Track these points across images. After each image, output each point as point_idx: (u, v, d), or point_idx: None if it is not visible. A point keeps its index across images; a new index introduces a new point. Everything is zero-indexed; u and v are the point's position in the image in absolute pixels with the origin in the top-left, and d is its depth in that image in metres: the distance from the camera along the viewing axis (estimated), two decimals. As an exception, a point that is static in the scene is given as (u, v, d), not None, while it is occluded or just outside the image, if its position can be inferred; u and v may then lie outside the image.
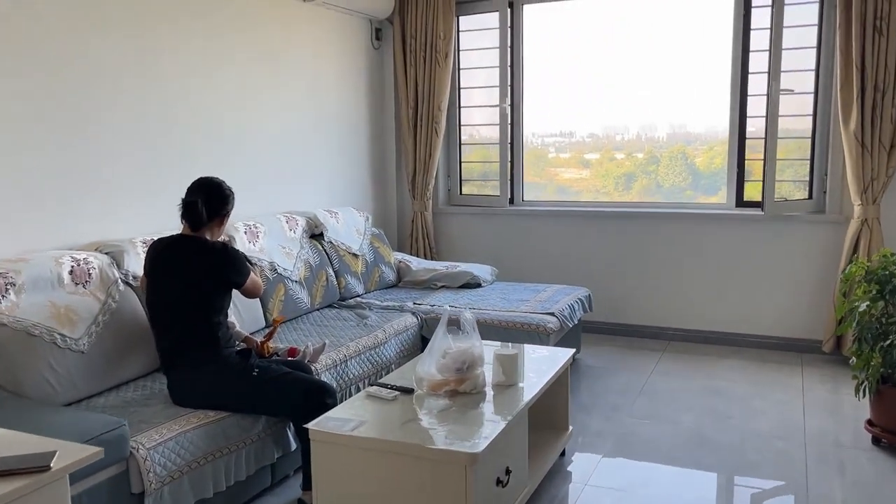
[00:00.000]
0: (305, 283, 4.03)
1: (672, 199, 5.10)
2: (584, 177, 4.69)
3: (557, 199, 5.59)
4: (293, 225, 4.14)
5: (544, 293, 4.48)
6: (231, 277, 2.72)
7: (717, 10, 4.93)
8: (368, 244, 4.69)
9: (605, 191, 4.51)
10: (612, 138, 4.61)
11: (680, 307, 5.06)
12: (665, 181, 4.44)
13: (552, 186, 4.65)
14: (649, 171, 4.52)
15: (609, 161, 4.63)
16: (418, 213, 5.53)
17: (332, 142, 5.01)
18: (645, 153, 4.55)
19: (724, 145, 4.93)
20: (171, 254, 2.73)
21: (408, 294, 4.53)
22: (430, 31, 5.31)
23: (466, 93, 5.67)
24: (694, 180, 4.40)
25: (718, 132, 4.91)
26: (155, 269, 2.75)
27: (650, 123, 4.69)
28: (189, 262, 2.68)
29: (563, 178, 4.73)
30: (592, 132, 4.67)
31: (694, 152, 4.52)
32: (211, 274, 2.67)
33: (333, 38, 4.98)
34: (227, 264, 2.70)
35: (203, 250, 2.70)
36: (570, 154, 4.69)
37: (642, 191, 4.45)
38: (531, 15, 5.43)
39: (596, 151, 4.64)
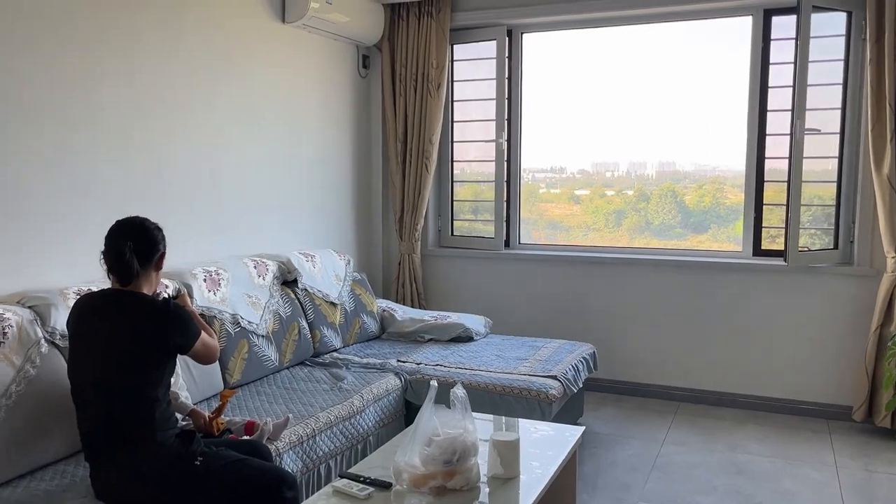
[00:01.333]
0: (274, 338, 3.53)
1: (661, 235, 4.67)
2: (574, 213, 4.42)
3: (557, 244, 5.15)
4: (262, 270, 3.66)
5: (545, 350, 4.00)
6: (173, 342, 2.23)
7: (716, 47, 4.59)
8: (349, 291, 4.21)
9: (595, 227, 4.32)
10: (602, 175, 4.41)
11: (691, 365, 4.59)
12: (655, 219, 4.25)
13: (542, 221, 4.39)
14: (639, 209, 4.37)
15: (599, 197, 4.49)
16: (406, 256, 5.06)
17: (312, 177, 4.56)
18: (635, 190, 4.40)
19: (713, 184, 4.53)
20: (96, 314, 2.24)
21: (392, 348, 4.04)
22: (421, 59, 4.91)
23: (460, 126, 5.25)
24: (683, 218, 4.21)
25: (707, 170, 4.57)
26: (77, 334, 2.25)
27: (640, 161, 4.45)
28: (119, 323, 2.19)
29: (553, 214, 4.44)
30: (583, 168, 4.50)
31: (683, 190, 4.33)
32: (147, 339, 2.18)
33: (316, 64, 4.56)
34: (169, 325, 2.21)
35: (137, 309, 2.21)
36: (561, 190, 4.45)
37: (632, 228, 4.25)
38: (530, 45, 5.04)
39: (586, 188, 4.43)
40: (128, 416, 2.15)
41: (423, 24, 4.88)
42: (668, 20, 4.61)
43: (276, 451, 2.61)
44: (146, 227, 2.34)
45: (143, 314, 2.21)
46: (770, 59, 4.41)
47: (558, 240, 4.95)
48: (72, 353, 2.25)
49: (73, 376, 2.23)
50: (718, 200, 4.50)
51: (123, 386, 2.16)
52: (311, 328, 3.84)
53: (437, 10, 4.85)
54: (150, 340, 2.19)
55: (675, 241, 4.42)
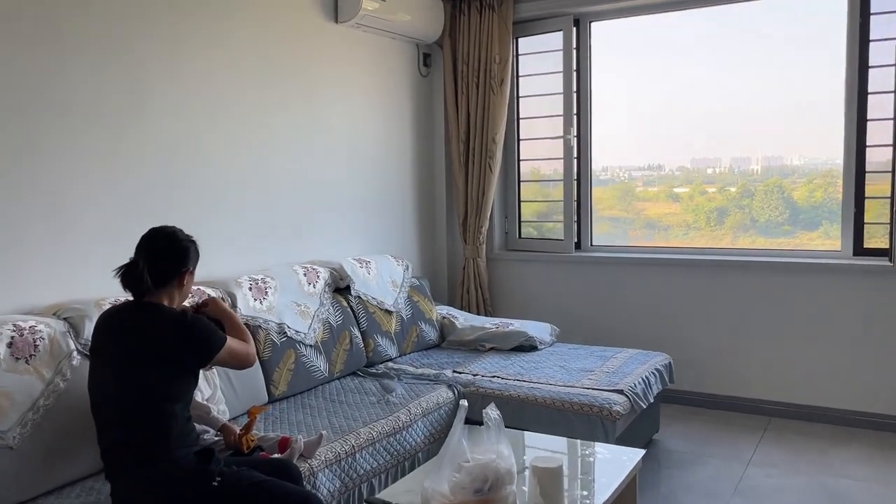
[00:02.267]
0: (323, 348, 3.42)
1: (768, 233, 4.24)
2: (673, 211, 4.18)
3: (631, 245, 4.81)
4: (313, 278, 3.55)
5: (614, 360, 3.70)
6: (188, 357, 2.12)
7: (820, 26, 4.13)
8: (405, 298, 4.05)
9: (696, 226, 4.08)
10: (702, 171, 4.13)
11: (783, 377, 4.16)
12: (760, 216, 3.99)
13: (639, 221, 4.19)
14: (743, 206, 4.13)
15: (700, 195, 4.25)
16: (470, 260, 4.86)
17: (371, 180, 4.44)
18: (738, 187, 4.15)
19: (824, 178, 4.07)
20: (113, 328, 2.16)
21: (449, 358, 3.85)
22: (484, 54, 4.70)
23: (526, 123, 5.01)
24: (792, 215, 3.91)
25: (818, 164, 4.13)
26: (94, 348, 2.18)
27: (743, 156, 4.13)
28: (133, 337, 2.10)
29: (651, 213, 4.23)
30: (682, 165, 4.23)
31: (791, 185, 3.96)
32: (160, 353, 2.08)
33: (374, 64, 4.44)
34: (183, 339, 2.10)
35: (153, 321, 2.11)
36: (659, 188, 4.24)
37: (736, 226, 4.01)
38: (602, 33, 4.74)
39: (686, 185, 4.15)
40: (143, 432, 2.06)
41: (485, 18, 4.68)
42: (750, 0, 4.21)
43: (309, 469, 2.47)
44: (176, 238, 2.23)
45: (157, 327, 2.11)
46: (870, 35, 3.93)
47: (656, 240, 4.65)
48: (90, 368, 2.18)
49: (91, 391, 2.16)
50: (831, 195, 4.16)
51: (137, 402, 2.06)
52: (364, 337, 3.70)
53: (499, 3, 4.63)
54: (163, 354, 2.09)
55: (783, 239, 4.09)
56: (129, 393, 2.07)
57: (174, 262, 2.19)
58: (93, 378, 2.16)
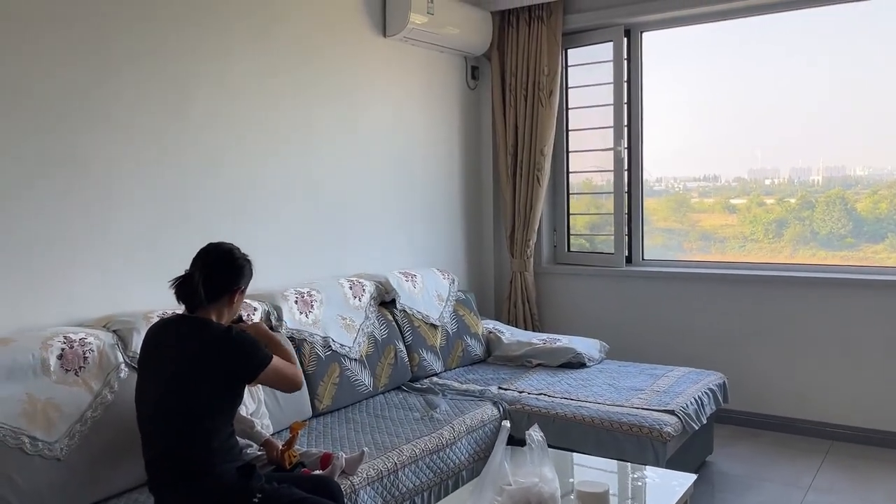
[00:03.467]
0: (368, 362, 3.40)
1: (830, 246, 4.08)
2: (729, 223, 4.10)
3: (684, 259, 4.68)
4: (358, 291, 3.55)
5: (665, 379, 3.59)
6: (231, 371, 2.13)
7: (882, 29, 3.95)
8: (451, 312, 4.01)
9: (753, 238, 3.97)
10: (760, 182, 4.04)
11: (847, 398, 3.97)
12: (821, 228, 3.87)
13: (694, 233, 4.10)
14: (803, 217, 4.01)
15: (757, 206, 4.16)
16: (517, 274, 4.79)
17: (418, 193, 4.43)
18: (797, 198, 4.04)
19: (890, 188, 3.90)
20: (159, 341, 2.18)
21: (495, 373, 3.79)
22: (532, 66, 4.65)
23: (575, 135, 4.93)
24: (855, 227, 3.78)
25: (884, 174, 3.96)
26: (142, 360, 2.21)
27: (804, 167, 4.02)
28: (179, 350, 2.12)
29: (706, 224, 4.15)
30: (739, 176, 4.15)
31: (854, 196, 3.82)
32: (204, 367, 2.09)
33: (421, 77, 4.43)
34: (227, 353, 2.11)
35: (199, 335, 2.12)
36: (715, 199, 4.16)
37: (795, 238, 3.89)
38: (654, 43, 4.64)
39: (743, 196, 4.06)
40: (184, 446, 2.07)
41: (533, 30, 4.63)
42: (806, 6, 4.05)
43: (350, 487, 2.45)
44: (232, 256, 2.25)
45: (202, 341, 2.12)
46: (939, 40, 3.76)
47: (713, 252, 4.54)
48: (138, 380, 2.21)
49: (137, 403, 2.18)
50: None
51: (180, 415, 2.07)
52: (409, 351, 3.67)
53: (548, 14, 4.59)
54: (206, 369, 2.09)
55: (846, 252, 3.96)
56: (174, 406, 2.09)
57: (229, 279, 2.20)
58: (140, 390, 2.18)
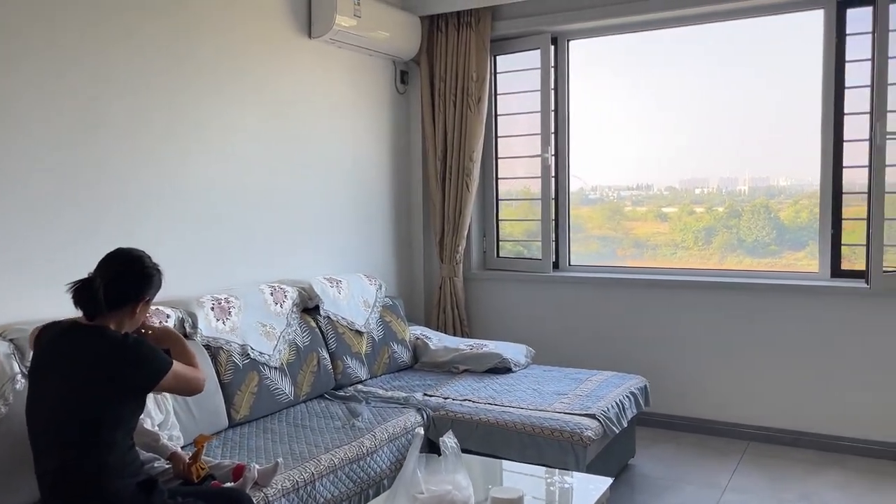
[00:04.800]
0: (289, 370, 3.32)
1: (755, 253, 4.23)
2: (661, 231, 4.22)
3: (609, 265, 4.75)
4: (280, 297, 3.47)
5: (588, 383, 3.63)
6: (133, 378, 2.02)
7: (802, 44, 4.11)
8: (377, 318, 3.96)
9: (684, 245, 4.13)
10: (690, 192, 4.17)
11: (762, 400, 4.10)
12: (747, 236, 4.04)
13: (628, 240, 4.22)
14: (730, 226, 4.18)
15: (688, 215, 4.28)
16: (447, 279, 4.78)
17: (346, 198, 4.36)
18: (725, 207, 4.19)
19: (810, 199, 4.06)
20: (53, 348, 2.06)
21: (421, 380, 3.76)
22: (461, 72, 4.66)
23: (504, 142, 4.96)
24: (779, 234, 3.93)
25: (804, 185, 4.14)
26: (36, 368, 2.08)
27: (731, 177, 4.20)
28: (73, 358, 2.01)
29: (639, 232, 4.28)
30: (670, 185, 4.23)
31: (778, 206, 3.99)
32: (99, 377, 1.98)
33: (349, 80, 4.38)
34: (127, 359, 2.00)
35: (94, 343, 2.01)
36: (647, 207, 4.28)
37: (723, 245, 4.07)
38: (588, 52, 4.70)
39: (674, 205, 4.19)
40: (80, 460, 1.96)
41: (462, 36, 4.64)
42: (731, 18, 4.19)
43: (264, 499, 2.37)
44: (142, 264, 2.12)
45: (97, 350, 2.01)
46: (846, 56, 3.92)
47: (645, 259, 4.63)
48: (28, 391, 2.08)
49: (28, 416, 2.06)
50: (816, 216, 4.18)
51: (74, 428, 1.97)
52: (333, 358, 3.61)
53: (476, 21, 4.60)
54: (102, 379, 1.99)
55: (771, 259, 4.16)
56: (67, 418, 1.98)
57: (134, 287, 2.09)
58: (31, 401, 2.06)
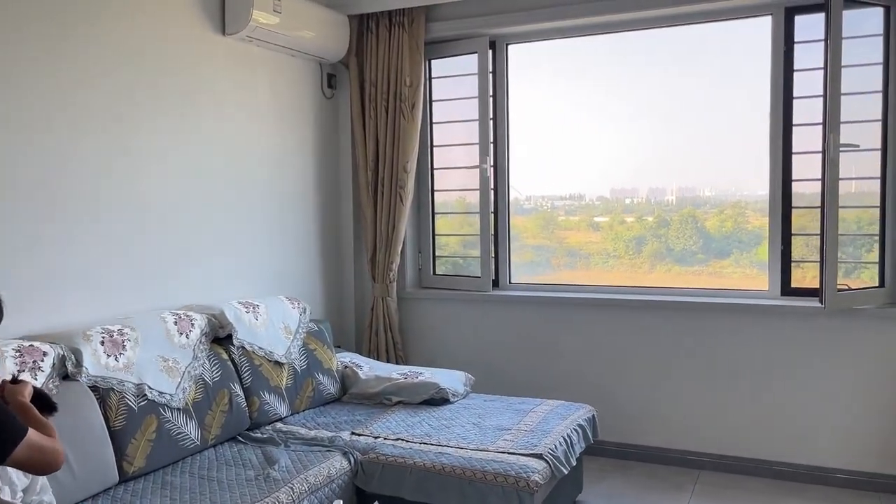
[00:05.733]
0: (195, 410, 2.89)
1: (683, 262, 4.14)
2: (593, 240, 4.28)
3: (553, 283, 4.47)
4: (185, 326, 3.04)
5: (533, 415, 3.32)
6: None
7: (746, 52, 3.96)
8: (300, 347, 3.57)
9: (615, 254, 4.19)
10: (621, 201, 4.12)
11: (714, 426, 3.88)
12: (676, 245, 4.09)
13: (561, 249, 4.21)
14: (660, 235, 4.19)
15: (619, 224, 4.30)
16: (379, 300, 4.41)
17: (266, 212, 3.96)
18: (654, 217, 4.21)
19: (734, 208, 3.99)
20: None
21: (350, 415, 3.39)
22: (394, 76, 4.31)
23: (441, 151, 4.64)
24: (705, 244, 3.94)
25: (728, 195, 4.08)
26: None
27: (659, 187, 4.18)
28: None
29: (572, 241, 4.35)
30: (602, 195, 4.27)
31: (704, 216, 3.99)
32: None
33: (269, 82, 3.98)
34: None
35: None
36: (580, 217, 4.23)
37: (653, 254, 4.17)
38: (522, 56, 4.43)
39: (606, 214, 4.23)
40: None
41: (394, 38, 4.30)
42: (675, 23, 3.98)
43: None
44: None
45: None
46: (794, 65, 3.76)
47: (578, 268, 4.48)
48: None
49: None
50: (740, 225, 4.20)
51: None
52: (248, 395, 3.19)
53: (409, 22, 4.27)
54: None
55: (698, 267, 4.11)
56: None
57: None
58: None
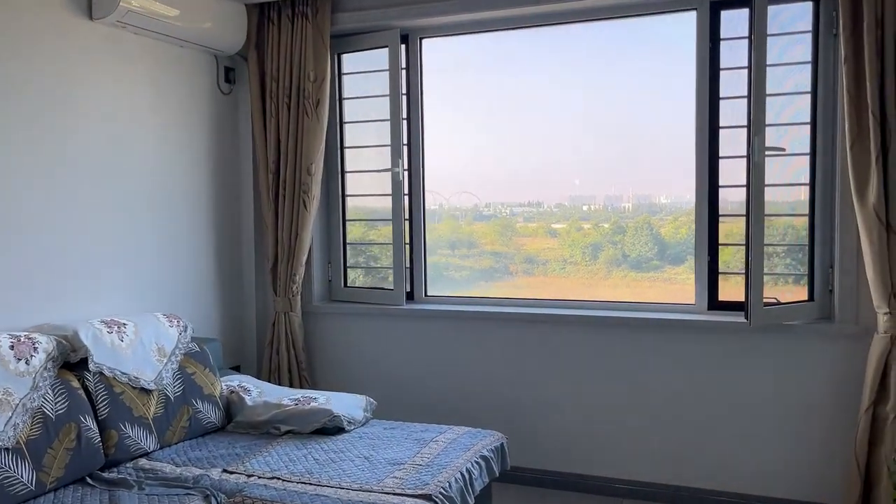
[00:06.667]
0: (31, 450, 2.49)
1: (639, 268, 3.99)
2: (551, 246, 4.26)
3: (472, 296, 4.16)
4: (26, 351, 2.63)
5: (434, 445, 2.99)
6: None
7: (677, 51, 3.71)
8: (174, 370, 3.17)
9: (572, 260, 4.16)
10: (578, 208, 4.24)
11: (636, 452, 3.60)
12: (632, 251, 4.04)
13: (520, 256, 4.26)
14: (616, 241, 4.13)
15: (576, 231, 4.25)
16: (281, 315, 4.04)
17: (146, 219, 3.56)
18: (611, 223, 4.16)
19: (688, 216, 3.77)
20: None
21: (229, 448, 3.00)
22: (297, 71, 3.95)
23: (353, 153, 4.30)
24: (660, 250, 3.98)
25: (683, 202, 3.92)
26: None
27: (616, 194, 4.27)
28: None
29: (530, 248, 4.33)
30: (560, 202, 4.24)
31: (659, 223, 4.06)
32: None
33: (151, 76, 3.59)
34: None
35: None
36: (538, 223, 4.33)
37: (609, 261, 4.07)
38: (438, 53, 4.12)
39: (563, 221, 4.25)
40: None
41: (297, 29, 3.94)
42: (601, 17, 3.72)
43: None
44: None
45: None
46: (720, 63, 3.53)
47: (536, 274, 4.32)
48: None
49: None
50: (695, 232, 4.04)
51: None
52: (104, 428, 2.78)
53: (314, 12, 3.92)
54: None
55: (653, 273, 4.08)
56: None
57: None
58: None
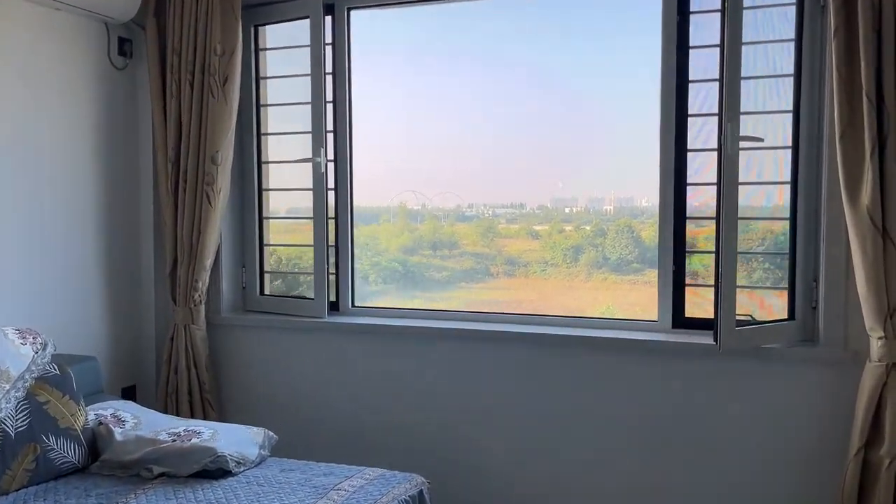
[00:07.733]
0: None
1: (619, 270, 3.66)
2: (532, 248, 4.21)
3: (407, 308, 3.62)
4: None
5: (336, 493, 2.43)
6: None
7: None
8: (21, 399, 2.58)
9: (553, 262, 4.06)
10: (560, 210, 4.19)
11: (595, 493, 3.08)
12: (612, 254, 3.94)
13: (501, 257, 4.16)
14: (596, 244, 4.07)
15: (557, 233, 4.20)
16: (181, 328, 3.46)
17: (17, 218, 2.99)
18: (592, 226, 4.09)
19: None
20: None
21: (83, 497, 2.42)
22: (201, 43, 3.39)
23: (275, 142, 3.75)
24: (640, 253, 3.84)
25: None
26: None
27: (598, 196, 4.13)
28: None
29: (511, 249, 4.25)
30: (542, 204, 4.18)
31: (640, 226, 3.94)
32: None
33: (23, 46, 3.01)
34: None
35: None
36: (520, 225, 4.27)
37: (590, 263, 3.99)
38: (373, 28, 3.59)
39: (545, 223, 4.20)
40: None
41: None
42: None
43: None
44: None
45: None
46: (689, 41, 3.02)
47: (518, 276, 4.05)
48: None
49: None
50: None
51: None
52: None
53: (222, -27, 3.36)
54: None
55: (633, 276, 3.87)
56: None
57: None
58: None
